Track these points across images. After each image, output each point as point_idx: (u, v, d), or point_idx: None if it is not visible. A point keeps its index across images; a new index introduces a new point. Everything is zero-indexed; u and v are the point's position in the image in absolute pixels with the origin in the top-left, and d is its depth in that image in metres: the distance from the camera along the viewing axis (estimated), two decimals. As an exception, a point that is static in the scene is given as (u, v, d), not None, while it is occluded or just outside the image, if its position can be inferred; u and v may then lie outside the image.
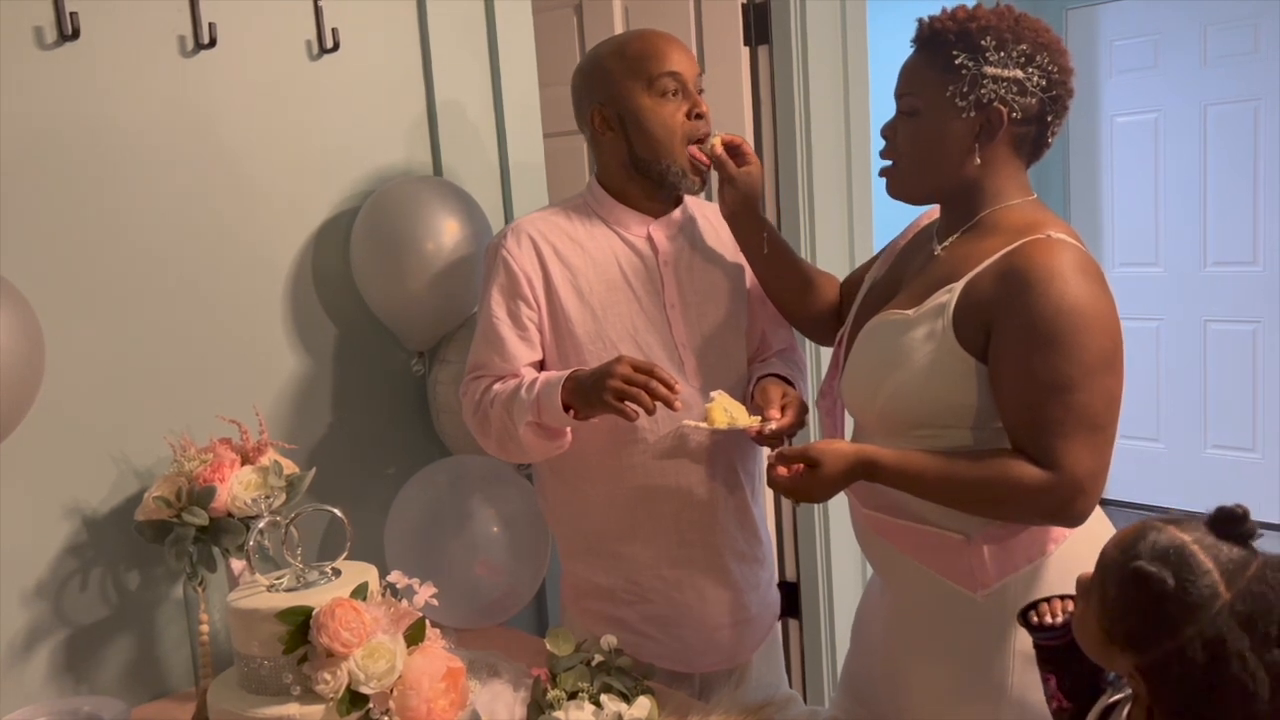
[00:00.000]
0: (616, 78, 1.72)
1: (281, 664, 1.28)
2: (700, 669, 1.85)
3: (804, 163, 2.63)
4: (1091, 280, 1.34)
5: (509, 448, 1.72)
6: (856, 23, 2.69)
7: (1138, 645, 1.00)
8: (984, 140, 1.43)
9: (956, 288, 1.40)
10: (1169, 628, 0.97)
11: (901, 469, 1.41)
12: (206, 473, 1.63)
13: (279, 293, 1.95)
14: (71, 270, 1.71)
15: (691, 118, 1.71)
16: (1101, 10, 4.73)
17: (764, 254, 1.75)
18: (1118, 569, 1.01)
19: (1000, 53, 1.39)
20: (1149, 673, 1.00)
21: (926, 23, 1.45)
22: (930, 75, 1.43)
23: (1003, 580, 1.43)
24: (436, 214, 1.96)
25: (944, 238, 1.50)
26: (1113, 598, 1.02)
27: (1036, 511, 1.39)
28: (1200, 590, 0.96)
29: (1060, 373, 1.32)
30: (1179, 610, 0.96)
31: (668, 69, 1.69)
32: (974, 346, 1.38)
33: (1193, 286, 4.64)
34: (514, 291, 1.72)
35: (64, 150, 1.70)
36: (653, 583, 1.79)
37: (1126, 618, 1.00)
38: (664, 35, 1.75)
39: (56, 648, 1.74)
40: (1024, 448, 1.36)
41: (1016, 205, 1.45)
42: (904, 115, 1.47)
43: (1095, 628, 1.05)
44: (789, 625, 2.87)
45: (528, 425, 1.65)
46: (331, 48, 1.96)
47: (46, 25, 1.66)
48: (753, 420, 1.60)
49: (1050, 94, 1.42)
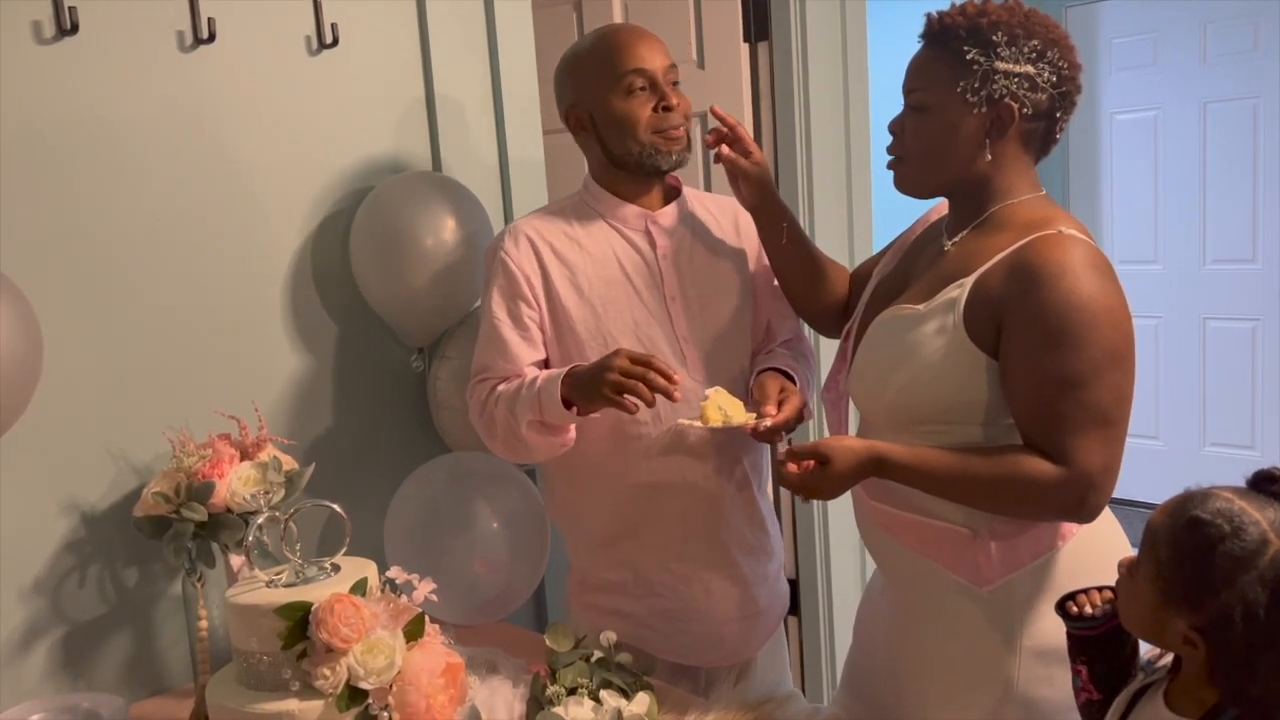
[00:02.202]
0: (584, 79, 1.72)
1: (280, 660, 1.28)
2: (707, 663, 1.85)
3: (803, 159, 2.63)
4: (1102, 276, 1.34)
5: (515, 448, 1.72)
6: (856, 19, 2.69)
7: (1195, 601, 1.04)
8: (995, 136, 1.42)
9: (967, 283, 1.39)
10: (1226, 575, 1.01)
11: (913, 466, 1.41)
12: (205, 468, 1.63)
13: (278, 288, 1.95)
14: (70, 265, 1.71)
15: (659, 110, 1.70)
16: (1101, 7, 4.72)
17: (782, 243, 1.75)
18: (1169, 530, 1.07)
19: (1012, 48, 1.38)
20: (1208, 629, 1.04)
21: (936, 18, 1.44)
22: (940, 70, 1.42)
23: (1008, 576, 1.43)
24: (436, 210, 1.96)
25: (953, 233, 1.50)
26: (1167, 557, 1.06)
27: (1049, 508, 1.38)
28: (1253, 535, 1.02)
29: (1071, 368, 1.31)
30: (1236, 555, 1.01)
31: (632, 67, 1.68)
32: (985, 342, 1.38)
33: (1192, 284, 4.64)
34: (514, 292, 1.73)
35: (62, 145, 1.69)
36: (660, 577, 1.79)
37: (1183, 573, 1.05)
38: (631, 30, 1.74)
39: (55, 644, 1.73)
40: (1036, 444, 1.36)
41: (1026, 201, 1.44)
42: (912, 110, 1.46)
43: (1148, 596, 1.09)
44: (788, 623, 2.87)
45: (530, 423, 1.65)
46: (331, 43, 1.95)
47: (45, 20, 1.66)
48: (748, 417, 1.59)
49: (1060, 90, 1.41)
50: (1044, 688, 1.40)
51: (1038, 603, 1.42)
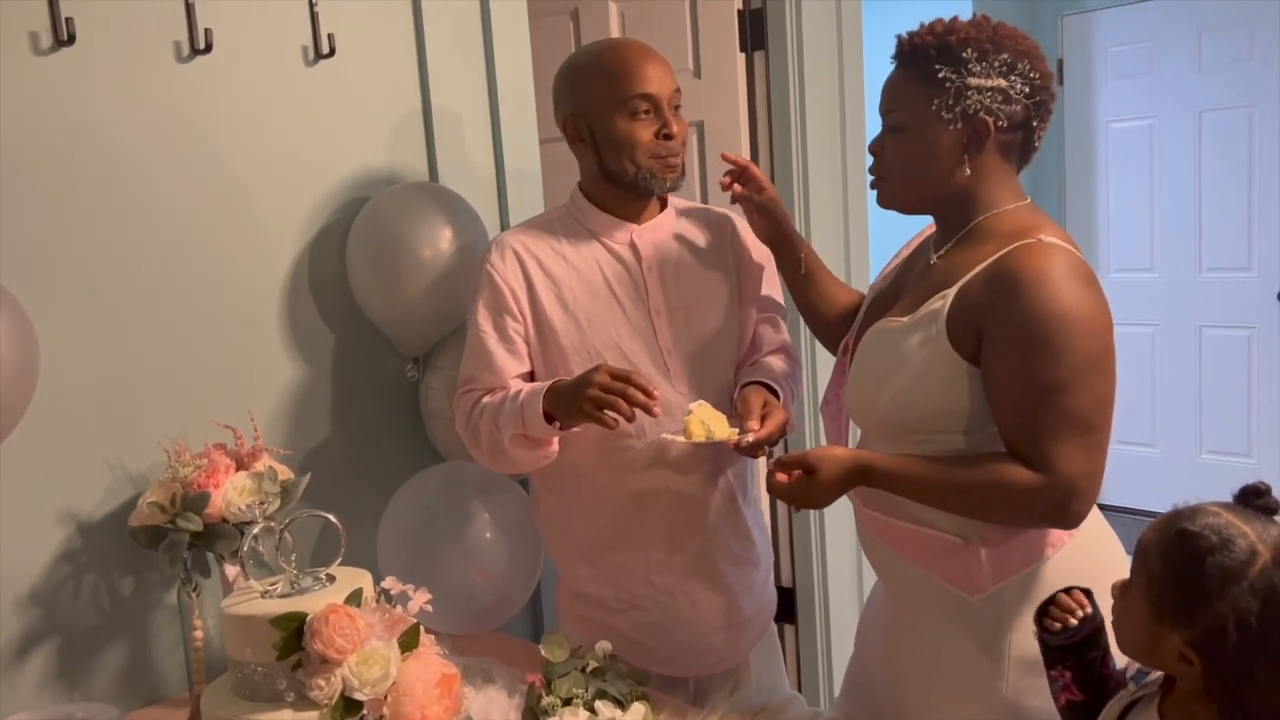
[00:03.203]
0: (587, 92, 1.71)
1: (275, 670, 1.28)
2: (695, 673, 1.84)
3: (799, 168, 2.64)
4: (1082, 283, 1.35)
5: (499, 459, 1.74)
6: (852, 28, 2.69)
7: (1189, 614, 1.05)
8: (973, 150, 1.44)
9: (949, 294, 1.41)
10: (1217, 587, 1.03)
11: (897, 474, 1.43)
12: (201, 478, 1.63)
13: (274, 298, 1.95)
14: (66, 276, 1.71)
15: (660, 137, 1.70)
16: (1097, 16, 4.74)
17: (800, 274, 1.79)
18: (1159, 545, 1.09)
19: (982, 63, 1.40)
20: (1202, 644, 1.05)
21: (906, 39, 1.47)
22: (914, 90, 1.44)
23: (999, 584, 1.44)
24: (432, 220, 1.96)
25: (939, 246, 1.52)
26: (1158, 572, 1.08)
27: (1031, 514, 1.39)
28: (1241, 547, 1.04)
29: (1049, 375, 1.33)
30: (1225, 566, 1.03)
31: (640, 91, 1.68)
32: (967, 350, 1.39)
33: (1188, 292, 4.65)
34: (499, 305, 1.73)
35: (60, 156, 1.69)
36: (643, 590, 1.79)
37: (1175, 586, 1.06)
38: (640, 51, 1.72)
39: (50, 654, 1.73)
40: (1017, 450, 1.37)
41: (1010, 211, 1.46)
42: (891, 131, 1.49)
43: (1141, 615, 1.10)
44: (785, 630, 2.87)
45: (513, 436, 1.66)
46: (328, 53, 1.96)
47: (42, 30, 1.66)
48: (731, 432, 1.60)
49: (1034, 99, 1.43)
50: (1032, 697, 1.40)
51: (1026, 611, 1.41)
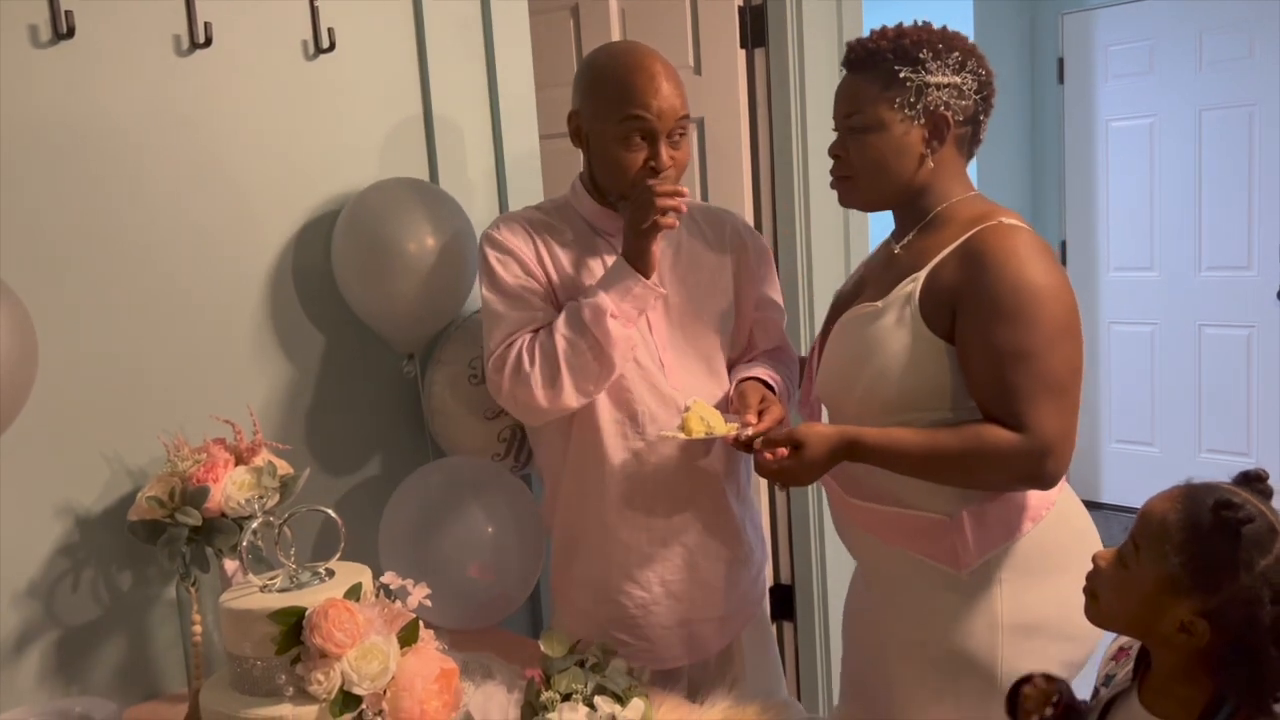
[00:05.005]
0: (591, 99, 1.69)
1: (274, 665, 1.27)
2: (676, 664, 1.85)
3: (800, 165, 2.64)
4: (1044, 258, 1.45)
5: (586, 370, 1.63)
6: (853, 25, 2.69)
7: (1213, 584, 1.04)
8: (935, 145, 1.52)
9: (920, 276, 1.49)
10: (1248, 558, 1.02)
11: (883, 445, 1.48)
12: (200, 473, 1.63)
13: (274, 293, 1.95)
14: (65, 269, 1.71)
15: (649, 166, 1.66)
16: (1097, 15, 4.74)
17: None
18: (1187, 514, 1.06)
19: (938, 61, 1.50)
20: (1220, 613, 1.03)
21: (859, 45, 1.54)
22: (874, 92, 1.52)
23: (984, 557, 1.50)
24: (415, 215, 1.93)
25: (900, 238, 1.59)
26: (1183, 541, 1.06)
27: (1011, 474, 1.45)
28: (1266, 523, 1.04)
29: (1022, 342, 1.41)
30: (1258, 539, 1.02)
31: (633, 113, 1.63)
32: (940, 328, 1.47)
33: (1187, 291, 4.65)
34: (515, 260, 1.71)
35: (58, 149, 1.69)
36: (626, 586, 1.79)
37: (1204, 555, 1.04)
38: (650, 72, 1.65)
39: (48, 648, 1.73)
40: (995, 416, 1.44)
41: (964, 200, 1.55)
42: (853, 132, 1.54)
43: (1146, 583, 1.08)
44: (783, 628, 2.87)
45: (603, 327, 1.60)
46: (327, 48, 1.95)
47: (41, 23, 1.66)
48: (730, 428, 1.60)
49: (981, 94, 1.54)
50: (1030, 661, 1.43)
51: (1015, 580, 1.50)
